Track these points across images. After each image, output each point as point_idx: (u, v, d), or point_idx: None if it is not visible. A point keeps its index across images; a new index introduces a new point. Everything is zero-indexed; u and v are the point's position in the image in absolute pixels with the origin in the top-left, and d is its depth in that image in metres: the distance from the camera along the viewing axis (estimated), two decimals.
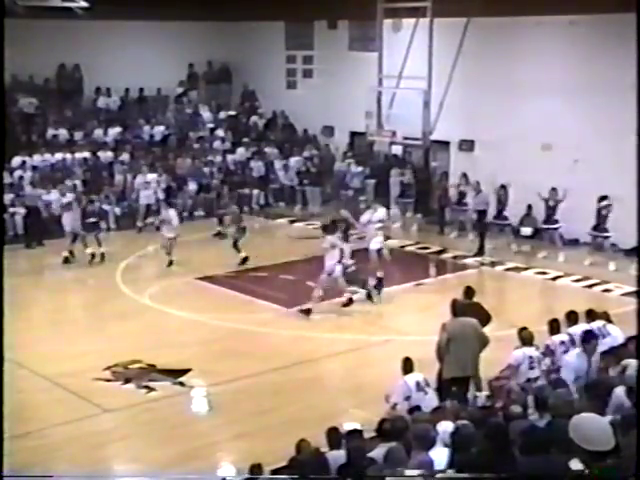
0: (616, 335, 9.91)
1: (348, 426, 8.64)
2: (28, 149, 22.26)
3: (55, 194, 20.36)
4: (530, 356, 9.70)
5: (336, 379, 12.16)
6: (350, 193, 22.61)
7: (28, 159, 21.78)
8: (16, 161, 21.42)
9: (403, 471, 6.14)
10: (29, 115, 23.23)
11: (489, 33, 19.70)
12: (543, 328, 10.30)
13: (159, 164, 23.00)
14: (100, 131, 23.98)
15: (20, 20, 17.36)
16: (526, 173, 19.20)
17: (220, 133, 25.51)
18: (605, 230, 17.61)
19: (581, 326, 10.19)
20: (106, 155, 23.24)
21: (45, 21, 21.53)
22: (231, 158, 24.56)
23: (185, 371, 12.12)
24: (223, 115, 26.33)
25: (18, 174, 20.88)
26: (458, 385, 9.95)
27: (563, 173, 18.69)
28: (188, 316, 14.79)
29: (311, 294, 14.63)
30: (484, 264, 18.13)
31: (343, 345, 13.40)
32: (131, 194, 22.07)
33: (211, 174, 23.45)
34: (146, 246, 18.49)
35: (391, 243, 16.44)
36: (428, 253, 19.13)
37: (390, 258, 16.02)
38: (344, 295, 15.04)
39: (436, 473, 6.17)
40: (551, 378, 9.41)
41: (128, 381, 11.90)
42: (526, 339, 9.89)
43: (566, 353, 9.95)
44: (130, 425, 10.85)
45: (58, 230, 19.06)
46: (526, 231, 19.05)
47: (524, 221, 19.20)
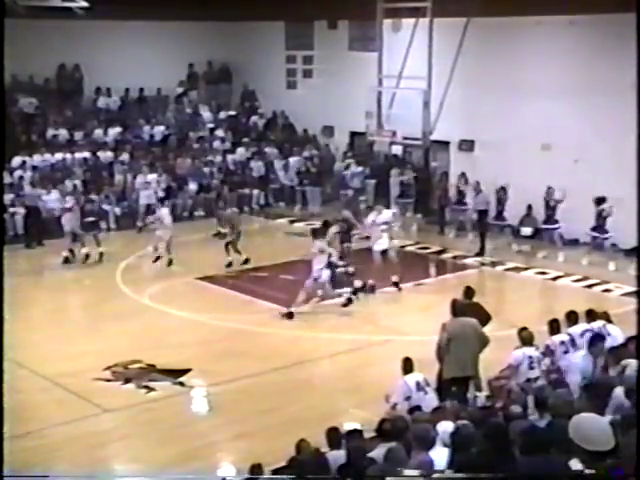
0: (616, 335, 9.91)
1: (348, 426, 8.65)
2: (28, 149, 22.27)
3: (55, 194, 20.41)
4: (530, 356, 9.70)
5: (336, 379, 12.15)
6: (350, 193, 22.61)
7: (28, 159, 21.78)
8: (16, 161, 21.42)
9: (403, 471, 6.14)
10: (29, 115, 23.24)
11: (489, 33, 19.69)
12: (543, 328, 10.30)
13: (159, 164, 23.02)
14: (100, 131, 23.98)
15: (20, 20, 17.35)
16: (526, 173, 19.22)
17: (220, 133, 25.52)
18: (605, 231, 17.61)
19: (581, 326, 10.20)
20: (106, 155, 23.25)
21: (45, 21, 21.52)
22: (231, 158, 24.57)
23: (185, 371, 12.12)
24: (223, 115, 26.33)
25: (18, 174, 20.89)
26: (458, 385, 9.95)
27: (563, 173, 18.69)
28: (188, 316, 14.79)
29: (297, 299, 14.62)
30: (484, 264, 18.13)
31: (343, 345, 13.39)
32: (131, 194, 22.08)
33: (211, 174, 23.47)
34: (146, 246, 18.44)
35: (392, 243, 16.39)
36: (428, 253, 19.13)
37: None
38: (343, 296, 15.05)
39: (436, 473, 6.18)
40: (551, 378, 9.42)
41: (128, 381, 11.90)
42: (526, 339, 9.89)
43: (566, 353, 9.96)
44: (130, 425, 10.85)
45: (58, 230, 19.07)
46: (526, 231, 19.06)
47: (524, 221, 19.20)
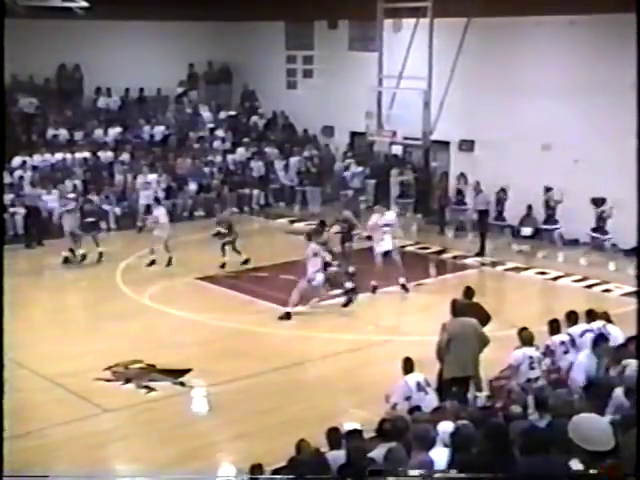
0: (616, 335, 9.90)
1: (348, 426, 8.64)
2: (28, 149, 22.27)
3: (55, 194, 20.41)
4: (530, 356, 9.70)
5: (336, 379, 12.13)
6: (350, 193, 22.61)
7: (28, 159, 21.78)
8: (16, 161, 21.42)
9: (403, 471, 6.14)
10: (29, 115, 23.23)
11: (489, 33, 19.69)
12: (543, 328, 10.30)
13: (159, 164, 23.04)
14: (100, 131, 23.99)
15: (20, 20, 17.33)
16: (526, 173, 19.23)
17: (220, 133, 25.51)
18: (605, 232, 17.59)
19: (581, 326, 10.20)
20: (106, 155, 23.26)
21: (45, 21, 21.51)
22: (231, 158, 24.57)
23: (185, 371, 12.12)
24: (223, 115, 26.32)
25: (18, 174, 20.89)
26: (458, 385, 9.94)
27: (563, 173, 18.70)
28: (188, 316, 14.79)
29: (289, 299, 14.63)
30: (484, 264, 18.13)
31: (343, 345, 13.39)
32: (131, 194, 22.08)
33: (211, 174, 23.47)
34: (146, 246, 18.42)
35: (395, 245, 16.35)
36: (428, 253, 19.13)
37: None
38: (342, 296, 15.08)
39: (436, 473, 6.17)
40: (551, 378, 9.42)
41: (128, 381, 11.90)
42: (526, 339, 9.88)
43: (566, 353, 9.96)
44: (130, 425, 10.85)
45: (58, 230, 19.08)
46: (526, 231, 19.06)
47: (524, 221, 19.20)
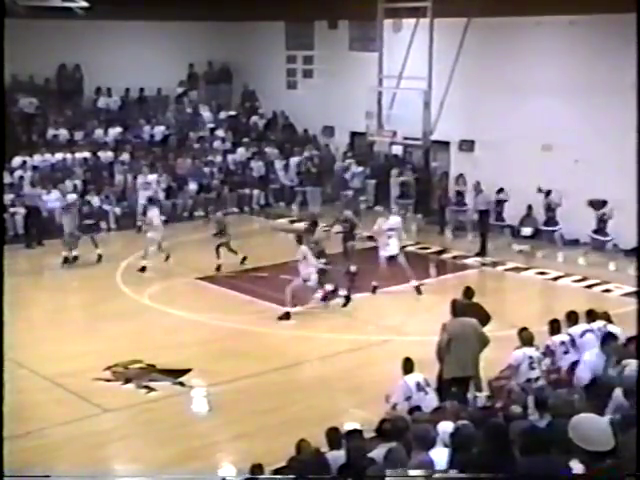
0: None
1: (348, 426, 8.65)
2: (28, 149, 22.27)
3: (55, 194, 20.41)
4: (530, 356, 9.69)
5: (336, 379, 12.13)
6: (350, 193, 22.61)
7: (28, 159, 21.78)
8: (16, 161, 21.42)
9: (403, 471, 6.14)
10: (29, 115, 23.23)
11: (489, 33, 19.68)
12: (543, 328, 10.30)
13: (159, 164, 23.03)
14: (100, 131, 23.99)
15: (20, 20, 17.33)
16: (526, 173, 19.21)
17: (220, 133, 25.51)
18: (606, 234, 17.56)
19: (581, 326, 10.21)
20: (106, 155, 23.26)
21: (45, 21, 21.51)
22: (231, 158, 24.57)
23: (185, 371, 12.12)
24: (223, 115, 26.32)
25: (18, 174, 20.89)
26: (458, 385, 9.94)
27: (563, 173, 18.70)
28: (188, 316, 14.79)
29: (285, 299, 14.64)
30: (484, 264, 18.13)
31: (343, 345, 13.39)
32: (131, 194, 22.08)
33: (211, 174, 23.46)
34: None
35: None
36: (428, 253, 19.12)
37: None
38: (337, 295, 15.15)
39: (436, 473, 6.17)
40: (551, 378, 9.42)
41: (128, 381, 11.90)
42: (526, 340, 9.89)
43: (566, 354, 9.97)
44: (130, 425, 10.86)
45: (58, 230, 19.07)
46: (526, 231, 19.06)
47: (524, 221, 19.20)
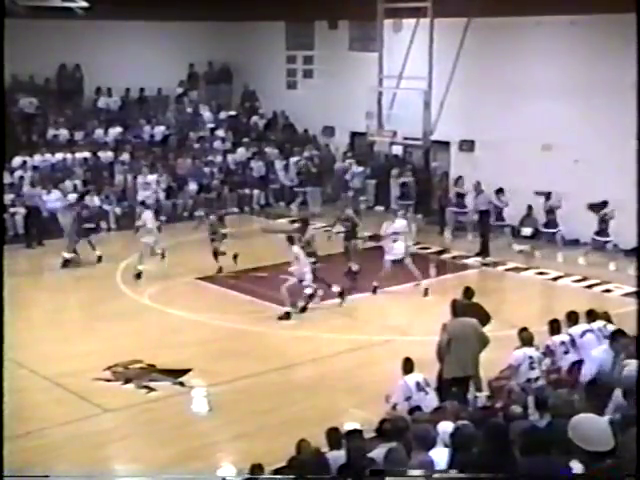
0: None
1: (348, 426, 8.64)
2: (28, 149, 22.27)
3: (55, 194, 20.42)
4: (530, 356, 9.70)
5: (336, 379, 12.13)
6: (350, 193, 22.60)
7: (29, 159, 21.78)
8: (17, 161, 21.42)
9: (403, 471, 6.14)
10: (29, 115, 23.23)
11: (489, 33, 19.67)
12: (543, 328, 10.31)
13: (159, 164, 23.03)
14: (100, 131, 23.99)
15: (20, 20, 17.37)
16: (526, 173, 19.22)
17: (220, 133, 25.51)
18: (607, 234, 17.54)
19: (581, 326, 10.21)
20: (106, 155, 23.26)
21: (45, 21, 21.51)
22: (231, 158, 24.57)
23: (185, 371, 12.12)
24: (223, 115, 26.32)
25: (18, 174, 20.88)
26: (458, 385, 9.95)
27: (563, 173, 18.71)
28: (188, 316, 14.79)
29: (282, 299, 14.66)
30: (484, 264, 18.12)
31: (343, 345, 13.39)
32: (131, 194, 22.07)
33: (211, 174, 23.45)
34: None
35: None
36: (428, 253, 19.11)
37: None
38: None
39: (436, 473, 6.17)
40: (551, 378, 9.42)
41: (128, 381, 11.90)
42: (526, 340, 9.90)
43: (567, 354, 9.97)
44: (130, 425, 10.85)
45: (58, 230, 19.07)
46: (526, 231, 19.07)
47: (524, 221, 19.20)
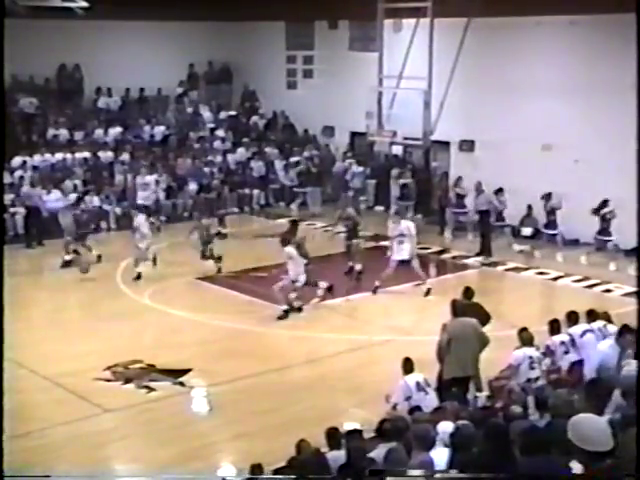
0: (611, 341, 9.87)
1: (348, 426, 8.65)
2: (28, 149, 22.26)
3: (55, 194, 20.42)
4: (530, 356, 9.71)
5: (336, 379, 12.13)
6: (351, 193, 22.60)
7: (28, 159, 21.77)
8: (16, 161, 21.41)
9: (403, 471, 6.14)
10: (29, 115, 23.22)
11: (489, 33, 19.67)
12: (543, 328, 10.31)
13: (159, 164, 23.03)
14: (100, 131, 23.98)
15: (20, 20, 17.35)
16: (526, 173, 19.23)
17: (220, 133, 25.51)
18: (609, 233, 17.54)
19: (581, 326, 10.21)
20: (106, 155, 23.26)
21: (45, 21, 21.50)
22: (231, 158, 24.56)
23: (185, 371, 12.12)
24: (223, 115, 26.32)
25: (18, 174, 20.87)
26: (458, 385, 9.95)
27: (563, 173, 18.71)
28: (188, 316, 14.79)
29: (277, 298, 14.67)
30: (484, 264, 18.12)
31: (343, 345, 13.38)
32: (132, 194, 22.07)
33: (211, 174, 23.43)
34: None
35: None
36: (428, 253, 19.10)
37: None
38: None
39: (436, 473, 6.17)
40: (551, 378, 9.41)
41: (128, 381, 11.90)
42: (526, 340, 9.90)
43: (567, 354, 9.97)
44: (130, 425, 10.85)
45: (58, 230, 19.06)
46: (526, 231, 19.07)
47: (524, 221, 19.20)
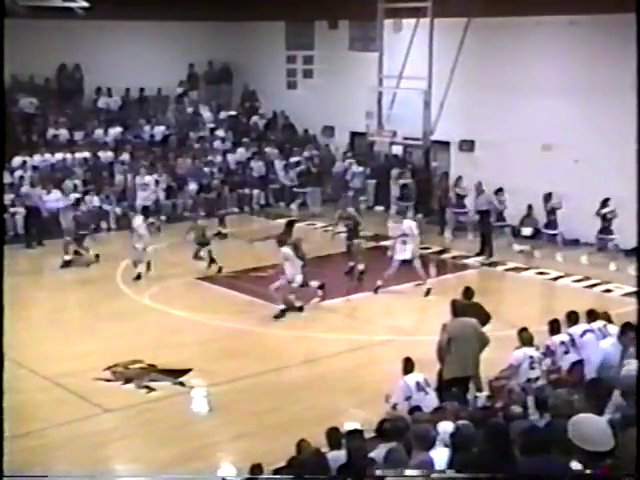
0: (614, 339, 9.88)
1: (348, 426, 8.65)
2: (28, 149, 22.26)
3: (55, 194, 20.42)
4: (531, 356, 9.70)
5: (336, 379, 12.13)
6: (351, 193, 22.61)
7: (28, 159, 21.76)
8: (16, 161, 21.41)
9: (403, 471, 6.14)
10: (29, 115, 23.21)
11: (489, 33, 19.67)
12: (543, 328, 10.30)
13: (159, 164, 23.03)
14: (100, 131, 23.98)
15: (20, 20, 17.36)
16: (526, 173, 19.22)
17: (220, 133, 25.51)
18: (611, 232, 17.53)
19: (581, 326, 10.20)
20: (106, 155, 23.25)
21: (45, 21, 21.51)
22: (231, 158, 24.56)
23: (185, 371, 12.12)
24: (223, 115, 26.32)
25: (18, 174, 20.87)
26: (458, 385, 9.95)
27: (563, 173, 18.71)
28: (188, 316, 14.79)
29: (274, 297, 14.65)
30: (484, 264, 18.11)
31: (343, 345, 13.38)
32: (132, 194, 22.06)
33: (211, 174, 23.41)
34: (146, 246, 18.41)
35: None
36: (428, 253, 19.09)
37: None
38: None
39: (436, 473, 6.17)
40: (551, 378, 9.42)
41: (128, 381, 11.90)
42: (526, 340, 9.90)
43: (567, 354, 9.96)
44: (130, 425, 10.85)
45: (58, 230, 19.06)
46: (526, 231, 19.07)
47: (524, 221, 19.20)
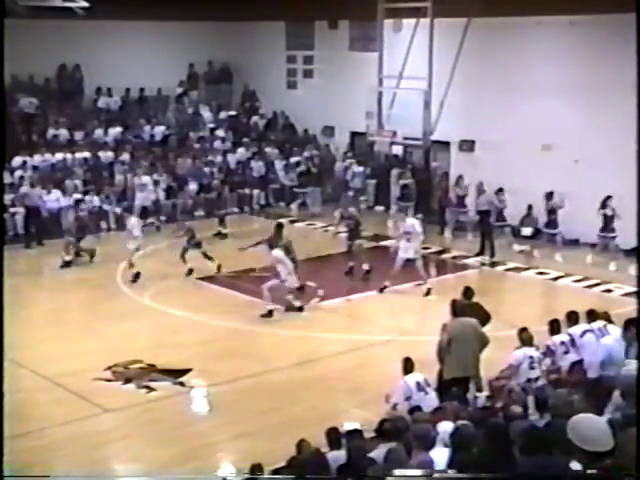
0: (616, 335, 9.89)
1: (348, 426, 8.65)
2: (28, 149, 22.27)
3: (55, 194, 20.42)
4: (531, 356, 9.70)
5: (336, 379, 12.13)
6: (351, 193, 22.61)
7: (29, 159, 21.77)
8: (17, 161, 21.41)
9: (403, 471, 6.14)
10: (29, 115, 23.22)
11: (489, 33, 19.69)
12: (543, 328, 10.31)
13: (159, 164, 23.03)
14: (100, 131, 23.99)
15: (20, 20, 17.34)
16: (526, 173, 19.23)
17: (220, 133, 25.51)
18: (612, 230, 17.52)
19: (581, 326, 10.20)
20: (106, 155, 23.26)
21: (45, 21, 21.51)
22: (231, 158, 24.56)
23: (185, 371, 12.13)
24: (224, 115, 26.33)
25: (18, 174, 20.87)
26: (458, 385, 9.95)
27: (563, 173, 18.70)
28: (188, 316, 14.78)
29: (264, 295, 14.59)
30: (484, 264, 18.11)
31: (343, 345, 13.39)
32: (132, 194, 22.06)
33: (211, 174, 23.43)
34: (146, 246, 18.41)
35: (391, 243, 16.28)
36: (428, 253, 19.09)
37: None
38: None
39: (436, 473, 6.17)
40: (551, 378, 9.42)
41: (128, 381, 11.90)
42: (526, 340, 9.90)
43: (567, 354, 9.97)
44: (130, 425, 10.85)
45: (58, 230, 19.06)
46: (526, 231, 19.07)
47: (524, 221, 19.21)
